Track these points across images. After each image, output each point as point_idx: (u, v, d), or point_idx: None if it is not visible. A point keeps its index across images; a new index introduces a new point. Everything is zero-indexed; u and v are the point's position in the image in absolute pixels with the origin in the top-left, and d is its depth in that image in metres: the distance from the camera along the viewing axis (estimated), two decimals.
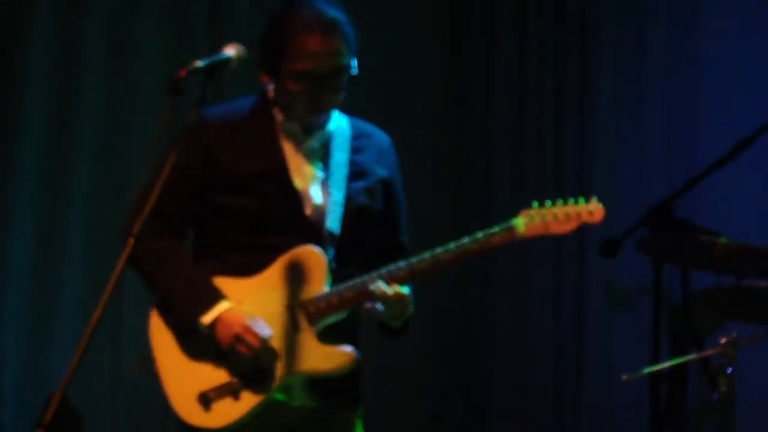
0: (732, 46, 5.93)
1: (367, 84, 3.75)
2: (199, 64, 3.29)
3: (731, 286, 4.53)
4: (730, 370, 4.19)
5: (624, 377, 4.39)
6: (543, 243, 6.30)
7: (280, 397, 3.48)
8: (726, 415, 4.13)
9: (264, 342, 3.42)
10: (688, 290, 5.10)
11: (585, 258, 6.17)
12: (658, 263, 5.14)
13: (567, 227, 3.52)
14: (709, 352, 4.30)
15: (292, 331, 3.46)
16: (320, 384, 3.50)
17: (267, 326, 3.43)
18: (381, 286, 3.42)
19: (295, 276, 3.48)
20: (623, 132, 6.21)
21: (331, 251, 3.52)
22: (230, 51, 3.41)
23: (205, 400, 3.45)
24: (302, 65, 3.49)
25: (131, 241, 3.05)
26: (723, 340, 4.22)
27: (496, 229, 3.48)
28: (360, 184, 3.61)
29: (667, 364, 4.58)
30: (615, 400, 5.95)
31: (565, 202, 3.53)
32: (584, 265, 6.19)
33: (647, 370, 4.54)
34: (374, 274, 3.46)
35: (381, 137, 3.75)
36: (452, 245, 3.48)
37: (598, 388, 6.05)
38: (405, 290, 3.47)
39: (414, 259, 3.48)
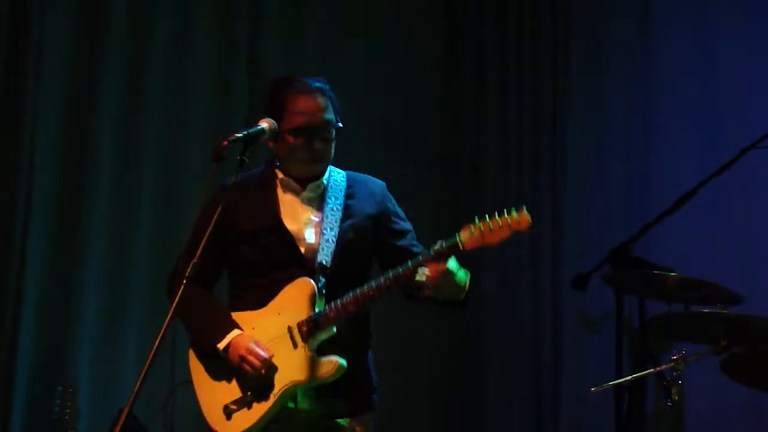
0: (677, 122, 5.96)
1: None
2: (239, 134, 3.33)
3: (680, 312, 4.53)
4: (680, 382, 4.19)
5: (593, 389, 4.38)
6: (524, 276, 6.32)
7: (291, 404, 3.47)
8: (677, 419, 4.13)
9: (264, 361, 3.42)
10: (645, 316, 5.11)
11: (560, 290, 6.17)
12: (620, 294, 5.15)
13: (501, 235, 3.30)
14: (663, 367, 4.29)
15: (289, 348, 3.45)
16: (326, 392, 3.47)
17: (267, 347, 3.44)
18: (424, 270, 3.33)
19: (292, 303, 3.48)
20: (589, 188, 6.23)
21: (323, 280, 3.50)
22: (264, 124, 3.46)
23: (228, 411, 3.48)
24: (296, 120, 3.54)
25: (185, 282, 3.10)
26: (674, 357, 4.22)
27: (443, 244, 3.33)
28: (349, 223, 3.60)
29: (628, 378, 4.57)
30: (586, 408, 5.93)
31: (500, 215, 3.31)
32: (559, 295, 6.20)
33: (612, 382, 4.53)
34: (381, 278, 3.38)
35: (372, 183, 3.73)
36: (415, 258, 3.38)
37: (572, 398, 6.04)
38: (451, 265, 3.35)
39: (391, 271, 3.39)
